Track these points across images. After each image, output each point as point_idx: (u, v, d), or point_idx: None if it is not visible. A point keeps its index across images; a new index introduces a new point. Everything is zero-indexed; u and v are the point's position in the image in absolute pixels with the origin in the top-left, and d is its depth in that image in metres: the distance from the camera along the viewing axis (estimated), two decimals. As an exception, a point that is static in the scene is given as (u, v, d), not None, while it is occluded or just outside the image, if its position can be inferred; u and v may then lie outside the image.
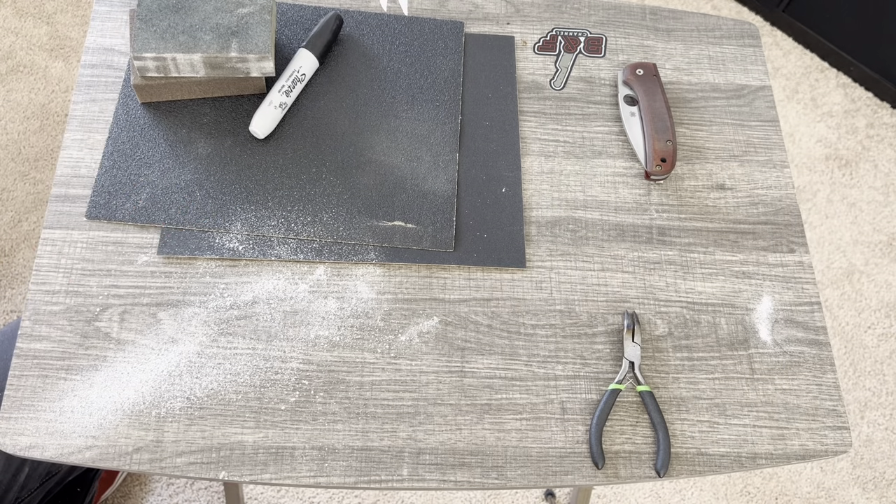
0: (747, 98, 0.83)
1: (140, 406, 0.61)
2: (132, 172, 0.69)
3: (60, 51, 1.61)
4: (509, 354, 0.67)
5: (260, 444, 0.61)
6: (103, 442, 0.59)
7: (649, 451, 0.65)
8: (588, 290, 0.71)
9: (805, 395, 0.68)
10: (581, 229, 0.74)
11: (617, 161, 0.78)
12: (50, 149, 1.50)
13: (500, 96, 0.79)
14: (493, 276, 0.70)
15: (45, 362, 0.62)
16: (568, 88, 0.81)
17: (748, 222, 0.76)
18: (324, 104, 0.75)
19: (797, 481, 1.42)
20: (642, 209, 0.75)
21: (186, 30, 0.68)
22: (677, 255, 0.73)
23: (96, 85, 0.73)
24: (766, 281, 0.73)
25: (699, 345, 0.70)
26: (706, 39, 0.87)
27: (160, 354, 0.63)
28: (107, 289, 0.65)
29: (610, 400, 0.65)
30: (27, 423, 0.59)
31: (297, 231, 0.69)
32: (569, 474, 0.63)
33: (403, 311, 0.67)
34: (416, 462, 0.62)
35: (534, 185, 0.75)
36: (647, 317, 0.70)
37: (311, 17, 0.79)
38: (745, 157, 0.80)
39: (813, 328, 0.71)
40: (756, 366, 0.69)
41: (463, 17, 0.83)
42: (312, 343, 0.65)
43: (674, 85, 0.83)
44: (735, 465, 0.65)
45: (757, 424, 0.67)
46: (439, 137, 0.75)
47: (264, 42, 0.69)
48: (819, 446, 0.66)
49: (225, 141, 0.72)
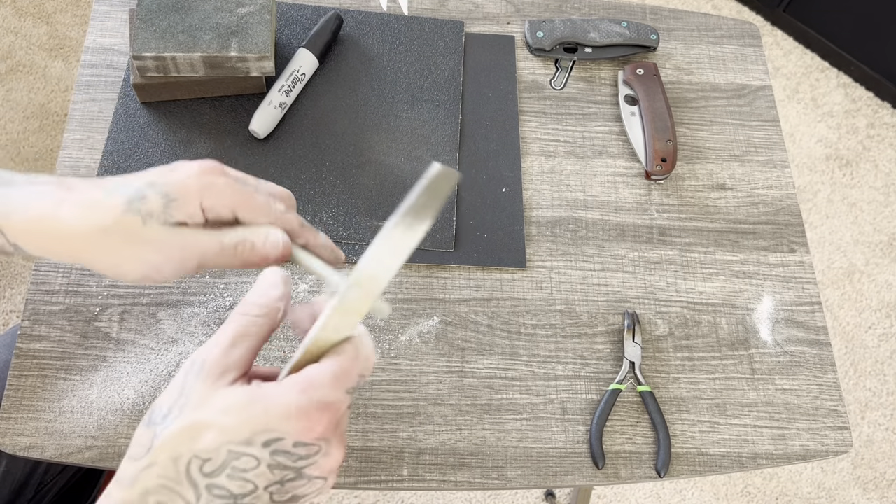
0: (748, 98, 0.83)
1: (140, 406, 0.61)
2: (132, 172, 0.69)
3: (60, 50, 1.61)
4: (509, 354, 0.67)
5: (260, 445, 0.61)
6: (103, 442, 0.59)
7: (650, 452, 0.65)
8: (588, 290, 0.71)
9: (806, 395, 0.68)
10: (581, 229, 0.73)
11: (617, 161, 0.78)
12: (49, 148, 1.50)
13: (500, 96, 0.79)
14: (493, 276, 0.70)
15: (45, 362, 0.62)
16: (568, 88, 0.81)
17: (749, 222, 0.76)
18: (324, 104, 0.75)
19: (797, 481, 1.42)
20: (643, 209, 0.75)
21: (186, 29, 0.68)
22: (678, 255, 0.73)
23: (96, 84, 0.73)
24: (766, 281, 0.73)
25: (700, 345, 0.69)
26: (707, 39, 0.87)
27: (160, 354, 0.63)
28: (106, 289, 0.65)
29: (610, 400, 0.65)
30: (27, 423, 0.59)
31: (296, 231, 0.69)
32: (569, 474, 0.63)
33: (403, 311, 0.67)
34: (416, 462, 0.62)
35: (534, 185, 0.75)
36: (648, 317, 0.70)
37: (311, 17, 0.79)
38: (745, 157, 0.80)
39: (814, 328, 0.71)
40: (756, 366, 0.69)
41: (463, 16, 0.83)
42: (312, 343, 0.65)
43: (674, 84, 0.83)
44: (735, 466, 0.65)
45: (757, 424, 0.67)
46: (439, 137, 0.75)
47: (264, 42, 0.69)
48: (820, 446, 0.66)
49: (225, 141, 0.72)
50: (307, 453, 0.37)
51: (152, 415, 0.38)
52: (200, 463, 0.36)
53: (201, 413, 0.37)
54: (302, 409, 0.37)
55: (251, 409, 0.36)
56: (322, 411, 0.37)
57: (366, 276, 0.38)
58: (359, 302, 0.38)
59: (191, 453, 0.36)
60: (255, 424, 0.36)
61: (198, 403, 0.37)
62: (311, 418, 0.37)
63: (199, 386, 0.38)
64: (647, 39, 0.82)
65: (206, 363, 0.38)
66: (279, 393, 0.37)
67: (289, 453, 0.37)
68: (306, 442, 0.37)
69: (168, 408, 0.38)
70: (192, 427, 0.36)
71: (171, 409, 0.37)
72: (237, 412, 0.36)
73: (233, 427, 0.36)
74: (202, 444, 0.36)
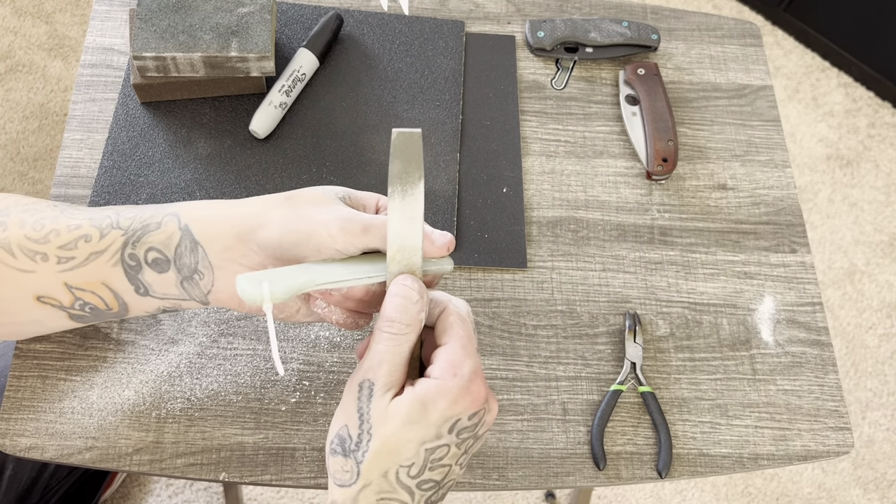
0: (749, 98, 0.83)
1: (140, 407, 0.61)
2: (132, 172, 0.69)
3: (59, 50, 1.61)
4: (510, 355, 0.67)
5: (260, 446, 0.61)
6: (103, 443, 0.59)
7: (651, 452, 0.65)
8: (589, 291, 0.70)
9: (807, 395, 0.68)
10: (582, 229, 0.73)
11: (618, 161, 0.78)
12: (49, 148, 1.49)
13: (500, 96, 0.79)
14: (494, 277, 0.70)
15: (45, 363, 0.61)
16: (569, 88, 0.81)
17: (750, 222, 0.76)
18: (324, 104, 0.75)
19: (798, 482, 1.42)
20: (644, 209, 0.75)
21: (186, 29, 0.68)
22: (679, 256, 0.73)
23: (96, 84, 0.73)
24: (767, 281, 0.73)
25: (701, 345, 0.69)
26: (707, 39, 0.86)
27: (160, 355, 0.63)
28: (106, 289, 0.65)
29: (611, 401, 0.65)
30: (27, 423, 0.59)
31: (297, 231, 0.69)
32: (570, 475, 0.63)
33: (404, 312, 0.67)
34: (416, 463, 0.62)
35: (535, 185, 0.75)
36: (649, 317, 0.70)
37: (311, 17, 0.79)
38: (746, 157, 0.80)
39: (815, 328, 0.71)
40: (758, 366, 0.69)
41: (463, 16, 0.83)
42: (313, 344, 0.65)
43: (675, 84, 0.83)
44: (737, 466, 0.65)
45: (759, 425, 0.67)
46: (440, 137, 0.75)
47: (264, 42, 0.69)
48: (821, 447, 0.66)
49: (225, 141, 0.72)
50: (479, 418, 0.44)
51: (343, 445, 0.44)
52: (406, 469, 0.43)
53: (388, 429, 0.42)
54: (462, 388, 0.43)
55: (428, 410, 0.42)
56: (473, 380, 0.43)
57: (396, 251, 0.44)
58: (405, 276, 0.45)
59: (396, 465, 0.43)
60: (436, 420, 0.43)
61: (380, 422, 0.43)
62: (472, 391, 0.43)
63: (374, 407, 0.43)
64: (647, 39, 0.82)
65: (376, 387, 0.43)
66: (438, 386, 0.43)
67: (467, 427, 0.44)
68: (476, 410, 0.44)
69: (357, 435, 0.43)
70: (387, 444, 0.42)
71: (361, 436, 0.43)
72: (418, 418, 0.42)
73: (421, 431, 0.42)
74: (403, 455, 0.43)
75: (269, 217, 0.48)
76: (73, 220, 0.49)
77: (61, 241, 0.48)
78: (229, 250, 0.48)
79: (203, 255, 0.48)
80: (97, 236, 0.48)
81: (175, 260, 0.48)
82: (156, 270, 0.48)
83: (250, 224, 0.48)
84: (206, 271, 0.48)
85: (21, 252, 0.47)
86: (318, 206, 0.48)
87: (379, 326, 0.45)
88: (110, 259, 0.48)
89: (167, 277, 0.48)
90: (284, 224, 0.47)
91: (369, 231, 0.47)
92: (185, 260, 0.48)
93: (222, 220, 0.48)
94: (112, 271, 0.48)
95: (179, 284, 0.48)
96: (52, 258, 0.47)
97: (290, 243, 0.47)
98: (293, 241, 0.47)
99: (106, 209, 0.50)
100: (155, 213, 0.49)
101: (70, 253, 0.47)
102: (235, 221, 0.48)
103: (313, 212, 0.47)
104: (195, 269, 0.48)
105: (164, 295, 0.49)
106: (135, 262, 0.48)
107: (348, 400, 0.44)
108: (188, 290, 0.49)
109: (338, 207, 0.48)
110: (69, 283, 0.48)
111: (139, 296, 0.49)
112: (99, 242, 0.48)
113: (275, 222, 0.47)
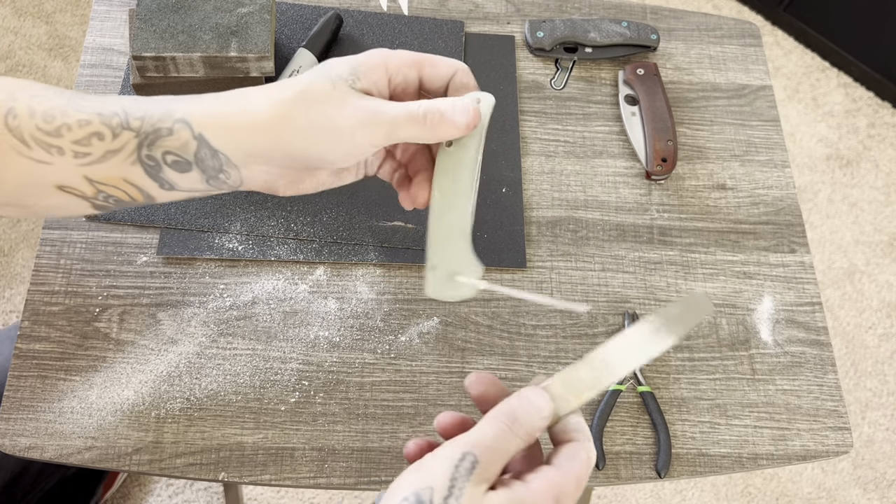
0: (748, 98, 0.83)
1: (140, 407, 0.61)
2: (131, 172, 0.69)
3: (59, 50, 1.61)
4: (510, 355, 0.67)
5: (260, 445, 0.61)
6: (103, 443, 0.59)
7: (650, 452, 0.65)
8: (589, 291, 0.70)
9: (806, 395, 0.68)
10: (582, 229, 0.73)
11: (618, 161, 0.78)
12: (50, 148, 1.49)
13: (500, 96, 0.79)
14: (493, 277, 0.70)
15: (45, 363, 0.61)
16: (568, 88, 0.81)
17: (749, 222, 0.76)
18: (324, 104, 0.75)
19: (798, 482, 1.42)
20: (643, 209, 0.75)
21: (186, 29, 0.68)
22: (678, 256, 0.73)
23: (96, 85, 0.73)
24: (767, 281, 0.73)
25: (700, 345, 0.69)
26: (707, 39, 0.86)
27: (160, 355, 0.63)
28: (106, 289, 0.65)
29: (611, 401, 0.65)
30: (27, 423, 0.59)
31: (296, 231, 0.69)
32: (569, 475, 0.63)
33: (403, 312, 0.67)
34: (416, 463, 0.62)
35: (534, 185, 0.75)
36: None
37: (311, 17, 0.79)
38: (746, 157, 0.80)
39: (814, 328, 0.71)
40: (757, 366, 0.69)
41: (463, 16, 0.83)
42: (312, 344, 0.65)
43: (675, 84, 0.83)
44: (736, 466, 0.65)
45: (758, 425, 0.67)
46: (439, 137, 0.75)
47: (264, 42, 0.69)
48: (820, 447, 0.66)
49: (224, 141, 0.72)
50: None
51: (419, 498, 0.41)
52: None
53: None
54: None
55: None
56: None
57: (599, 359, 0.45)
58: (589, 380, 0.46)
59: None
60: None
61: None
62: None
63: (469, 489, 0.41)
64: (647, 39, 0.82)
65: (478, 467, 0.41)
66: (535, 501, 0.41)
67: None
68: None
69: (443, 498, 0.40)
70: None
71: None
72: None
73: None
74: None
75: (288, 127, 0.46)
76: (82, 113, 0.46)
77: (74, 136, 0.46)
78: (252, 156, 0.47)
79: (226, 160, 0.47)
80: (109, 135, 0.46)
81: (197, 163, 0.47)
82: (177, 171, 0.47)
83: (270, 137, 0.46)
84: (231, 171, 0.47)
85: (35, 143, 0.46)
86: (335, 104, 0.46)
87: (496, 415, 0.44)
88: (127, 158, 0.46)
89: (191, 176, 0.47)
90: (307, 137, 0.46)
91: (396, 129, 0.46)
92: (208, 163, 0.47)
93: (238, 131, 0.47)
94: (132, 169, 0.47)
95: (205, 182, 0.48)
96: (69, 152, 0.46)
97: (315, 156, 0.47)
98: (318, 154, 0.47)
99: (112, 104, 0.48)
100: (163, 116, 0.47)
101: (86, 149, 0.46)
102: (252, 133, 0.47)
103: (332, 116, 0.46)
104: (220, 169, 0.47)
105: (190, 189, 0.48)
106: (153, 162, 0.46)
107: (441, 464, 0.41)
108: (216, 185, 0.48)
109: (355, 102, 0.46)
110: (90, 177, 0.47)
111: (165, 191, 0.48)
112: (113, 142, 0.46)
113: (295, 134, 0.46)
